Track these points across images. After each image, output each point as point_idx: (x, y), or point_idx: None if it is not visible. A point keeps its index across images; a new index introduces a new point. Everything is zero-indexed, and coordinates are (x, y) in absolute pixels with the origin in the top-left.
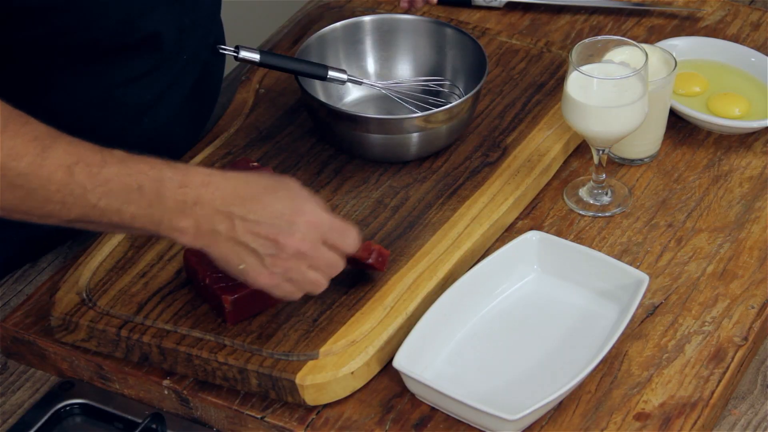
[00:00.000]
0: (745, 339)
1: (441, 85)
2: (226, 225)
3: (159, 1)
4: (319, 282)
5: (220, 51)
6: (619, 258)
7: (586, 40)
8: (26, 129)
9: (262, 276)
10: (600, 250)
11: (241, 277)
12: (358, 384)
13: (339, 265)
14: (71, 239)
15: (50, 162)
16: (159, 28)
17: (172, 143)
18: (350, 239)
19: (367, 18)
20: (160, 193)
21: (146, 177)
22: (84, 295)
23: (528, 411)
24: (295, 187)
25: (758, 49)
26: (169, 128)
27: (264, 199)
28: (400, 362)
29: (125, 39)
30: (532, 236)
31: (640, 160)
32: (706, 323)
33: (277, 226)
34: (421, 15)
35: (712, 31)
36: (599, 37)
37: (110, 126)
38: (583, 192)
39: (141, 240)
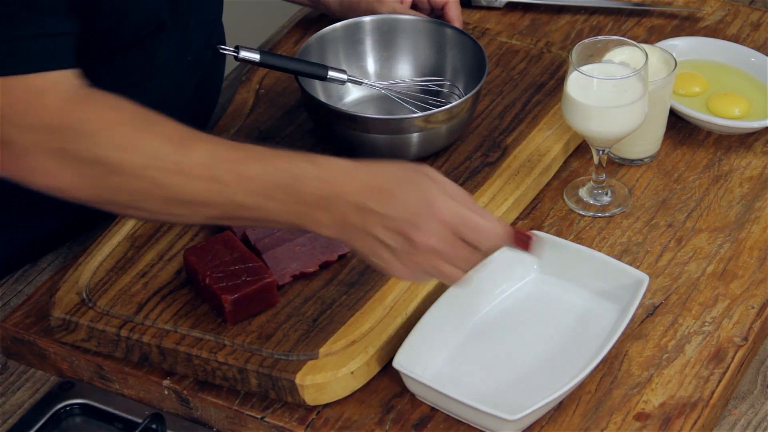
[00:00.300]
0: (745, 339)
1: (441, 85)
2: (360, 219)
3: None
4: (453, 275)
5: (221, 51)
6: (619, 258)
7: (586, 40)
8: (162, 129)
9: (397, 270)
10: (600, 251)
11: (378, 267)
12: (358, 384)
13: (474, 260)
14: (71, 239)
15: (194, 160)
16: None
17: None
18: (485, 236)
19: (367, 18)
20: (298, 188)
21: (285, 173)
22: (84, 295)
23: (528, 411)
24: (432, 179)
25: (758, 49)
26: None
27: (397, 191)
28: (400, 362)
29: (130, 36)
30: None
31: (640, 160)
32: (706, 323)
33: (410, 222)
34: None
35: (712, 31)
36: (599, 37)
37: None
38: (583, 192)
39: (141, 240)
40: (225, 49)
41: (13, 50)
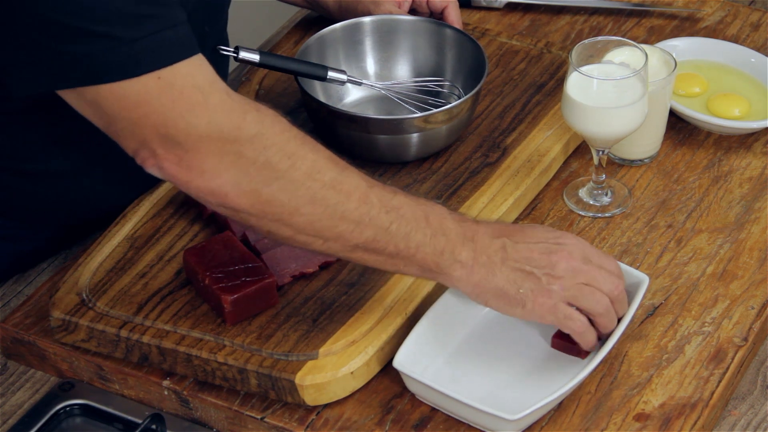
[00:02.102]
0: (745, 339)
1: (441, 86)
2: (502, 253)
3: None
4: (600, 301)
5: (221, 51)
6: (619, 258)
7: (586, 41)
8: (322, 149)
9: (541, 295)
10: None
11: (520, 307)
12: (358, 384)
13: (615, 281)
14: (66, 249)
15: (350, 181)
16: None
17: None
18: (614, 264)
19: (366, 19)
20: (444, 224)
21: (431, 209)
22: (84, 295)
23: (528, 411)
24: (544, 226)
25: (758, 49)
26: None
27: (527, 230)
28: (400, 362)
29: None
30: None
31: (640, 160)
32: (706, 324)
33: (547, 247)
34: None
35: (712, 32)
36: (599, 38)
37: None
38: (583, 192)
39: (141, 240)
40: (225, 50)
41: (156, 43)
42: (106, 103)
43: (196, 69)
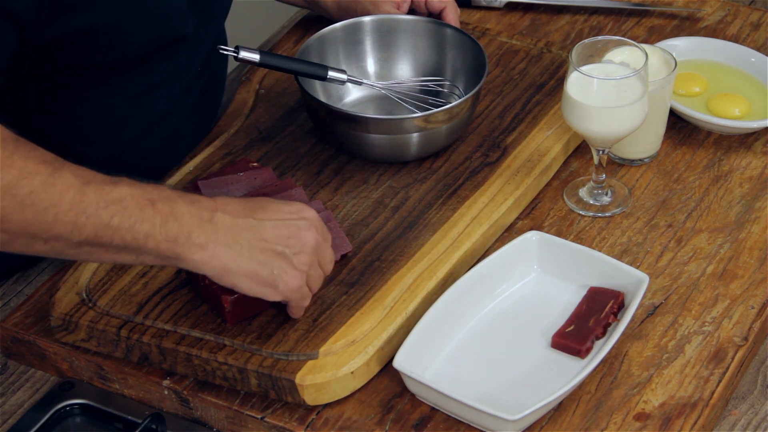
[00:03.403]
0: (745, 339)
1: (441, 86)
2: (249, 233)
3: (186, 13)
4: (321, 277)
5: (221, 51)
6: (619, 258)
7: (586, 41)
8: (35, 153)
9: (294, 278)
10: (600, 251)
11: (270, 287)
12: (358, 384)
13: (332, 258)
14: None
15: (61, 182)
16: (185, 32)
17: (179, 150)
18: (328, 235)
19: (367, 18)
20: (175, 209)
21: (159, 194)
22: (84, 295)
23: (528, 411)
24: (272, 198)
25: (758, 49)
26: (177, 136)
27: (268, 206)
28: (400, 362)
29: (150, 50)
30: (532, 236)
31: (640, 160)
32: (706, 323)
33: (294, 224)
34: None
35: (712, 32)
36: (599, 38)
37: (123, 136)
38: (583, 192)
39: None
40: (225, 50)
41: None
42: None
43: None
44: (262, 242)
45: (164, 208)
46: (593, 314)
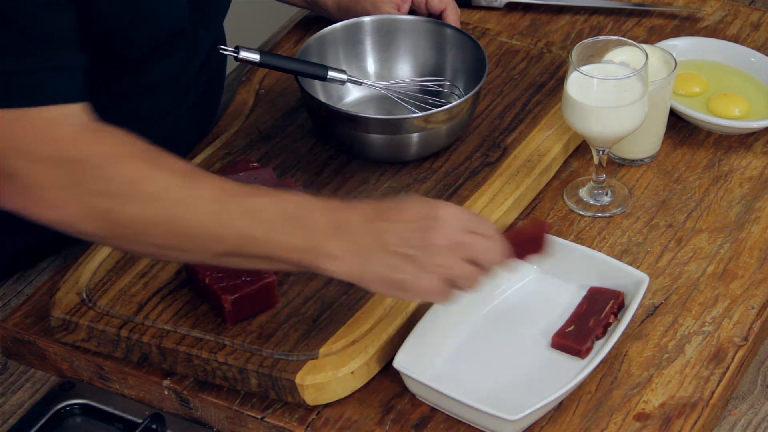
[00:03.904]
0: (745, 339)
1: (441, 86)
2: (373, 237)
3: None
4: (474, 274)
5: (221, 51)
6: (619, 258)
7: (586, 41)
8: (171, 163)
9: (423, 280)
10: (600, 251)
11: (402, 291)
12: (358, 384)
13: (496, 251)
14: (66, 248)
15: (203, 194)
16: (184, 31)
17: (179, 150)
18: (491, 228)
19: (367, 18)
20: (310, 218)
21: (293, 204)
22: (84, 295)
23: (528, 411)
24: (419, 195)
25: (758, 49)
26: (177, 136)
27: (402, 206)
28: (400, 362)
29: (149, 49)
30: None
31: (640, 160)
32: (706, 323)
33: (423, 224)
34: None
35: (712, 32)
36: (599, 38)
37: None
38: (583, 192)
39: None
40: (225, 50)
41: (26, 82)
42: None
43: (61, 114)
44: (388, 246)
45: (299, 218)
46: (593, 314)
